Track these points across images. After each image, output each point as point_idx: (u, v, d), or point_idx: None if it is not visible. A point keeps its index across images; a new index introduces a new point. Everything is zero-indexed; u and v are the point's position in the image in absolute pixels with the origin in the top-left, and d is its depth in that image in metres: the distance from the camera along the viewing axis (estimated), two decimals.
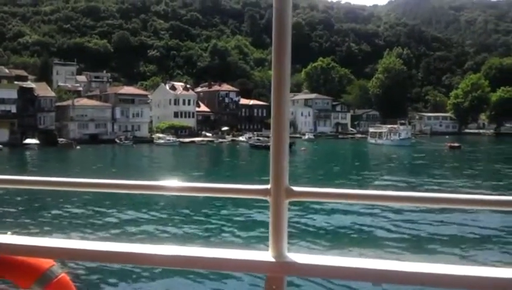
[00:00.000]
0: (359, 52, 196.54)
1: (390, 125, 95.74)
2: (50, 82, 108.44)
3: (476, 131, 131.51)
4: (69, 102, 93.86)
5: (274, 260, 1.40)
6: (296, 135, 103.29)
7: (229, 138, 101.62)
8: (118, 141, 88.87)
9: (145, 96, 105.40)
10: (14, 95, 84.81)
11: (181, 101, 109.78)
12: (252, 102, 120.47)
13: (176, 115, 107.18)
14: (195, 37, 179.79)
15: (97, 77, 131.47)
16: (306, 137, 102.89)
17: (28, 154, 69.10)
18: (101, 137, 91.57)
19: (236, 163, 58.16)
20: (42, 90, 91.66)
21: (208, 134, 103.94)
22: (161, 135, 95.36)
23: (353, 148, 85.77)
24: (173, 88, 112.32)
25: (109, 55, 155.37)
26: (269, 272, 1.42)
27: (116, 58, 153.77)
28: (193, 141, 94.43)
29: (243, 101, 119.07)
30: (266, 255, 1.42)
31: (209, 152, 76.47)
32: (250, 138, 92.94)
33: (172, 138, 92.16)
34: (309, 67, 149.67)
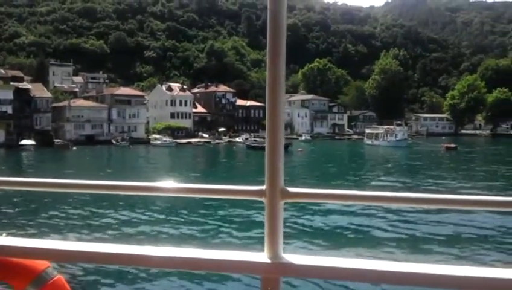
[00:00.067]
0: (356, 53, 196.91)
1: (386, 126, 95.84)
2: (46, 83, 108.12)
3: (472, 132, 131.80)
4: (65, 103, 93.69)
5: (269, 261, 1.40)
6: (293, 136, 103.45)
7: (226, 139, 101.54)
8: (115, 142, 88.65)
9: (141, 97, 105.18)
10: (10, 96, 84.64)
11: (177, 102, 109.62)
12: (249, 103, 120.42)
13: (173, 116, 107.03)
14: (191, 38, 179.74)
15: (93, 78, 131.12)
16: (303, 138, 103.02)
17: (24, 155, 68.88)
18: (98, 138, 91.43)
19: (233, 164, 58.09)
20: (38, 91, 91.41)
21: (205, 135, 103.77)
22: (158, 136, 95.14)
23: (350, 149, 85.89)
24: (170, 89, 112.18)
25: (105, 56, 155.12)
26: (264, 273, 1.42)
27: (112, 59, 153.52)
28: (190, 142, 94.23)
29: (240, 102, 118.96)
30: (262, 256, 1.42)
31: (205, 153, 76.36)
32: (247, 139, 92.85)
33: (168, 139, 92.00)
34: (306, 68, 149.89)
